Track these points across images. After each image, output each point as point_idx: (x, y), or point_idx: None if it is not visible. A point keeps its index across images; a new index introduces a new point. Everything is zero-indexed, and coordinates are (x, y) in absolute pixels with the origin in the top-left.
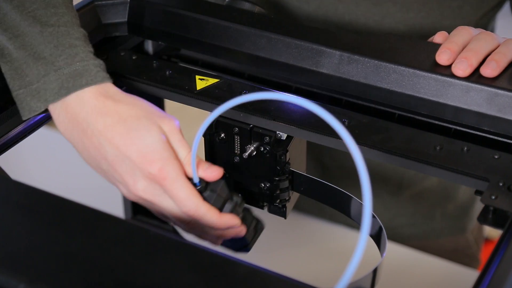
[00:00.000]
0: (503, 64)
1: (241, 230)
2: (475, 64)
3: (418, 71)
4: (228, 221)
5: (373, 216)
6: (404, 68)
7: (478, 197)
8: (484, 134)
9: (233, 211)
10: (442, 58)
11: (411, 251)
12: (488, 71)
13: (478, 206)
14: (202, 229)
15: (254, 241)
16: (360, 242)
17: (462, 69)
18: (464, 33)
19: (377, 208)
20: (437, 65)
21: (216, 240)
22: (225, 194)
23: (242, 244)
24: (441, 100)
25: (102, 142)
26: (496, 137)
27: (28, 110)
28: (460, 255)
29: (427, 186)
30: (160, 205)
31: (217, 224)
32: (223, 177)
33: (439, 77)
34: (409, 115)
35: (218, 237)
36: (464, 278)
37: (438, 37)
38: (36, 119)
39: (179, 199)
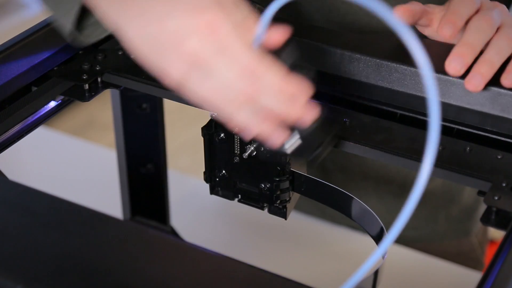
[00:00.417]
0: (489, 76)
1: (310, 111)
2: (470, 62)
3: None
4: (295, 83)
5: (374, 217)
6: (406, 67)
7: (483, 200)
8: (487, 134)
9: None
10: (445, 32)
11: (414, 253)
12: (472, 87)
13: (483, 209)
14: (258, 102)
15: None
16: (382, 245)
17: (456, 68)
18: (468, 3)
19: (379, 210)
20: (439, 64)
21: (273, 130)
22: (292, 60)
23: (304, 146)
24: (443, 100)
25: (145, 4)
26: (499, 137)
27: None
28: (464, 259)
29: (431, 188)
30: (211, 68)
31: (281, 84)
32: (290, 40)
33: (442, 76)
34: (411, 114)
35: (276, 120)
36: (468, 281)
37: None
38: (34, 118)
39: (236, 50)
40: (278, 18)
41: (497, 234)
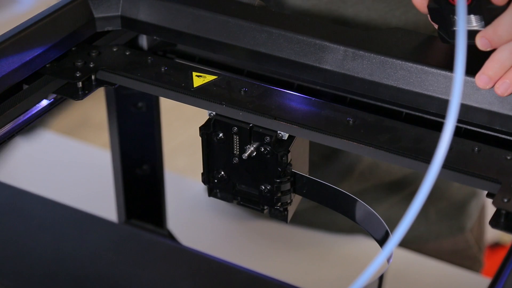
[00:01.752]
0: None
1: None
2: (497, 78)
3: (426, 68)
4: None
5: (379, 219)
6: (411, 64)
7: (474, 194)
8: (495, 134)
9: None
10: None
11: (410, 254)
12: (500, 92)
13: (475, 204)
14: None
15: None
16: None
17: (484, 84)
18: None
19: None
20: (446, 61)
21: None
22: None
23: None
24: (450, 98)
25: None
26: (508, 137)
27: None
28: (460, 257)
29: (418, 186)
30: None
31: None
32: None
33: (448, 73)
34: (417, 113)
35: None
36: (466, 281)
37: None
38: (25, 118)
39: None
40: (278, 13)
41: (505, 237)
